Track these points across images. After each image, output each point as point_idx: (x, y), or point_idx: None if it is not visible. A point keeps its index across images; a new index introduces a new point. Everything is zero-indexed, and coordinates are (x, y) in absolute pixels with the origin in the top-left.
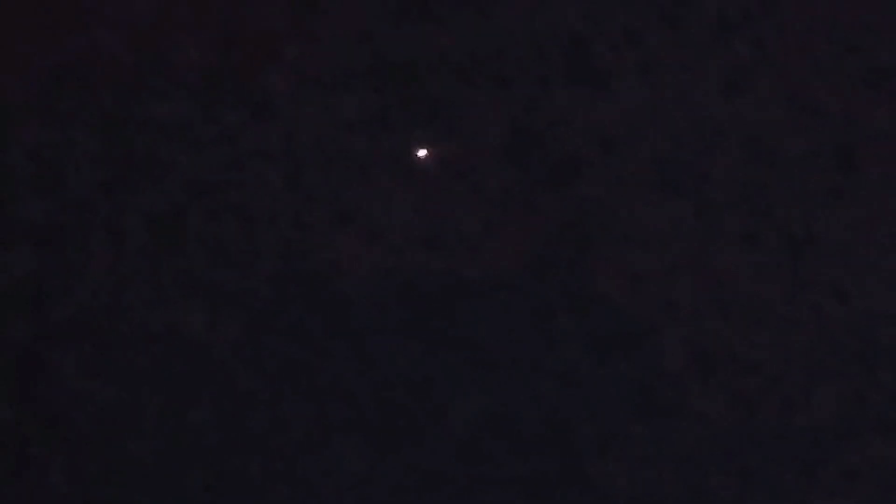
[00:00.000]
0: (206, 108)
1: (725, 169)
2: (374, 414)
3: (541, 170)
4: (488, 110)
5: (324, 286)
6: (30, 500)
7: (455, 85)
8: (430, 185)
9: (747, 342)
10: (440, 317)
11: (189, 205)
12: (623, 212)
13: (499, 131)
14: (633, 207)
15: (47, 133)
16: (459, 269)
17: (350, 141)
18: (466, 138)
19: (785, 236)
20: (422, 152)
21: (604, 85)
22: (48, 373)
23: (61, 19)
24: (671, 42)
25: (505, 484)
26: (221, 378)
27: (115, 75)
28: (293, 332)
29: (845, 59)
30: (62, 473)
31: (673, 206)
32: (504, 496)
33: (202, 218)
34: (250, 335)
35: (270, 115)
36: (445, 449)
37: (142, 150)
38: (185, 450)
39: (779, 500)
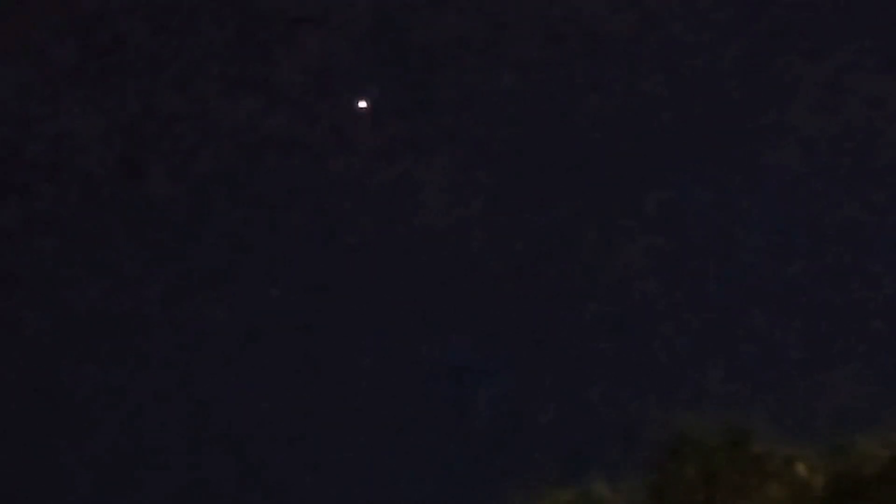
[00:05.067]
0: (225, 95)
1: (749, 154)
2: (399, 402)
3: (561, 155)
4: (507, 96)
5: (347, 275)
6: (53, 491)
7: (473, 70)
8: (452, 170)
9: (772, 326)
10: (464, 302)
11: (210, 193)
12: (645, 197)
13: (519, 117)
14: (654, 192)
15: (66, 122)
16: (482, 256)
17: (368, 126)
18: (486, 125)
19: (810, 221)
20: (363, 103)
21: (621, 69)
22: (68, 365)
23: (83, 8)
24: (690, 27)
25: (527, 469)
26: (241, 368)
27: (135, 63)
28: (312, 321)
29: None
30: (84, 464)
31: (693, 191)
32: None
33: (223, 206)
34: (269, 325)
35: (289, 102)
36: (470, 435)
37: (162, 138)
38: (207, 440)
39: None
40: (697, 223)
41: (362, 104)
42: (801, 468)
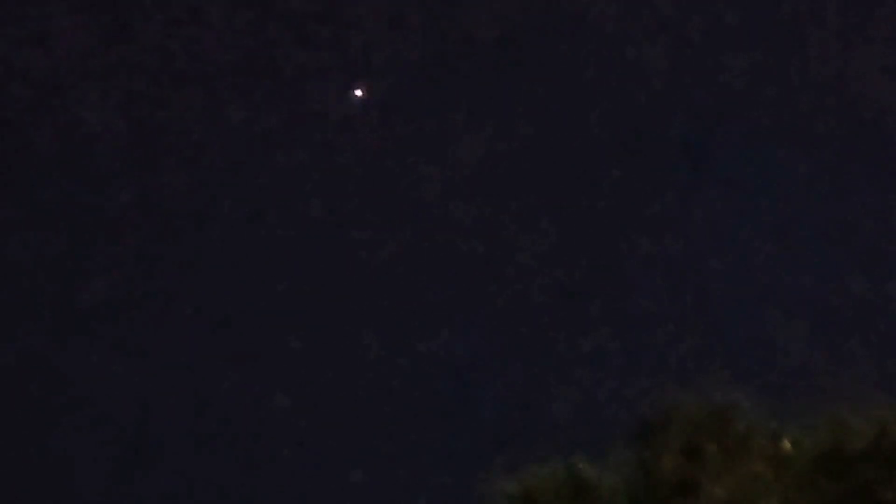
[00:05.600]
0: (236, 91)
1: (755, 152)
2: (407, 397)
3: (568, 156)
4: (520, 95)
5: (356, 267)
6: (59, 479)
7: (485, 69)
8: (458, 168)
9: (778, 328)
10: (475, 297)
11: (219, 188)
12: (654, 196)
13: (531, 115)
14: (664, 192)
15: (76, 115)
16: (496, 253)
17: (381, 124)
18: (500, 123)
19: (816, 220)
20: (358, 92)
21: (633, 69)
22: (73, 356)
23: (97, 4)
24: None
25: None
26: (243, 364)
27: (148, 59)
28: (315, 319)
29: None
30: (90, 455)
31: (704, 190)
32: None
33: (229, 200)
34: (272, 322)
35: (298, 98)
36: (476, 431)
37: (171, 133)
38: (209, 437)
39: None
40: (703, 224)
41: (358, 92)
42: (785, 444)
